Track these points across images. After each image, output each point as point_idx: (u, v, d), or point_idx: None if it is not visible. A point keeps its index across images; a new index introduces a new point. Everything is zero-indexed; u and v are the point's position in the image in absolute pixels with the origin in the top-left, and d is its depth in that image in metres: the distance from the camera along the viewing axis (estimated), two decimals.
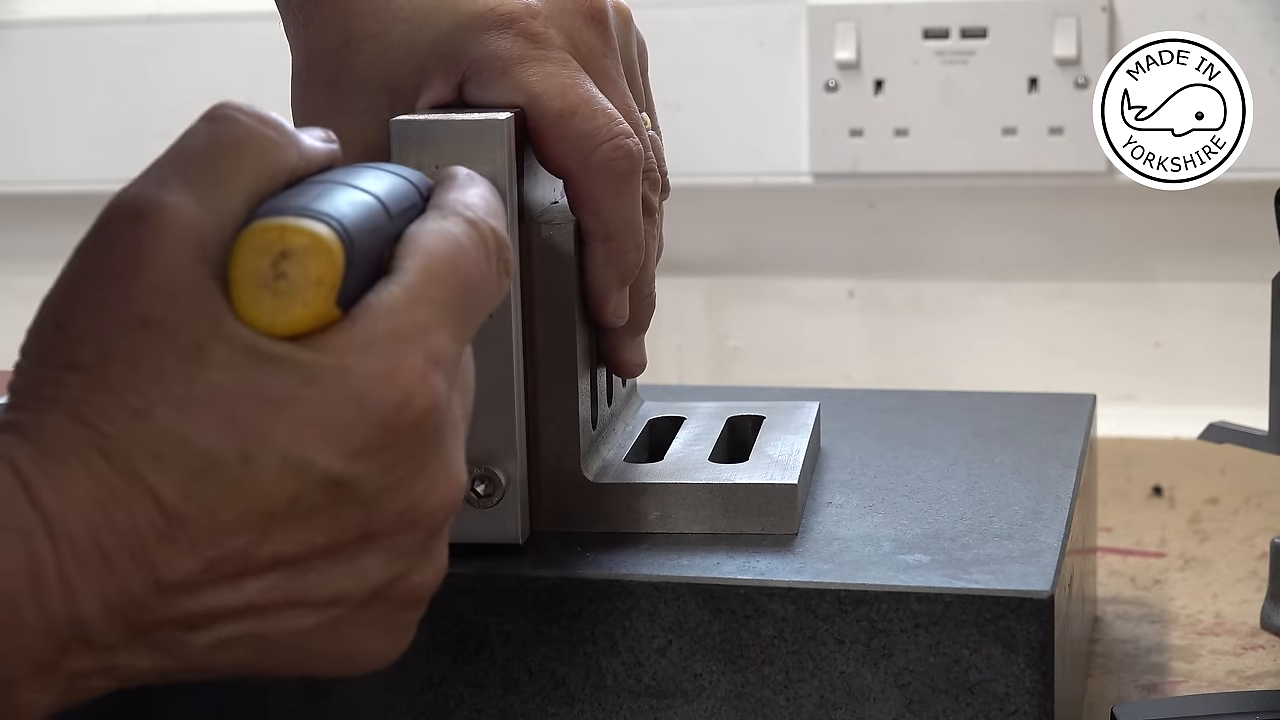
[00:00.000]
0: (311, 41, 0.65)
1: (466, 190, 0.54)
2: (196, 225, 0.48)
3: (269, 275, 0.47)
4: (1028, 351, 1.20)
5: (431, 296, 0.49)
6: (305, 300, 0.47)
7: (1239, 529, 0.99)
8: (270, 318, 0.47)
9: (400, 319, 0.48)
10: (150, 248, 0.47)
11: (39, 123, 1.28)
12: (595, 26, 0.65)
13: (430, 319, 0.49)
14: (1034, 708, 0.60)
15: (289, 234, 0.47)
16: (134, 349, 0.46)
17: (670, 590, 0.62)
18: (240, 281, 0.47)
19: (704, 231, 1.22)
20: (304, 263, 0.47)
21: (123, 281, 0.47)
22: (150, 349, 0.46)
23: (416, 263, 0.50)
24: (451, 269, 0.50)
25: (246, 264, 0.47)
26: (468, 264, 0.51)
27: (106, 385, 0.46)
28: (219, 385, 0.46)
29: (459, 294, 0.50)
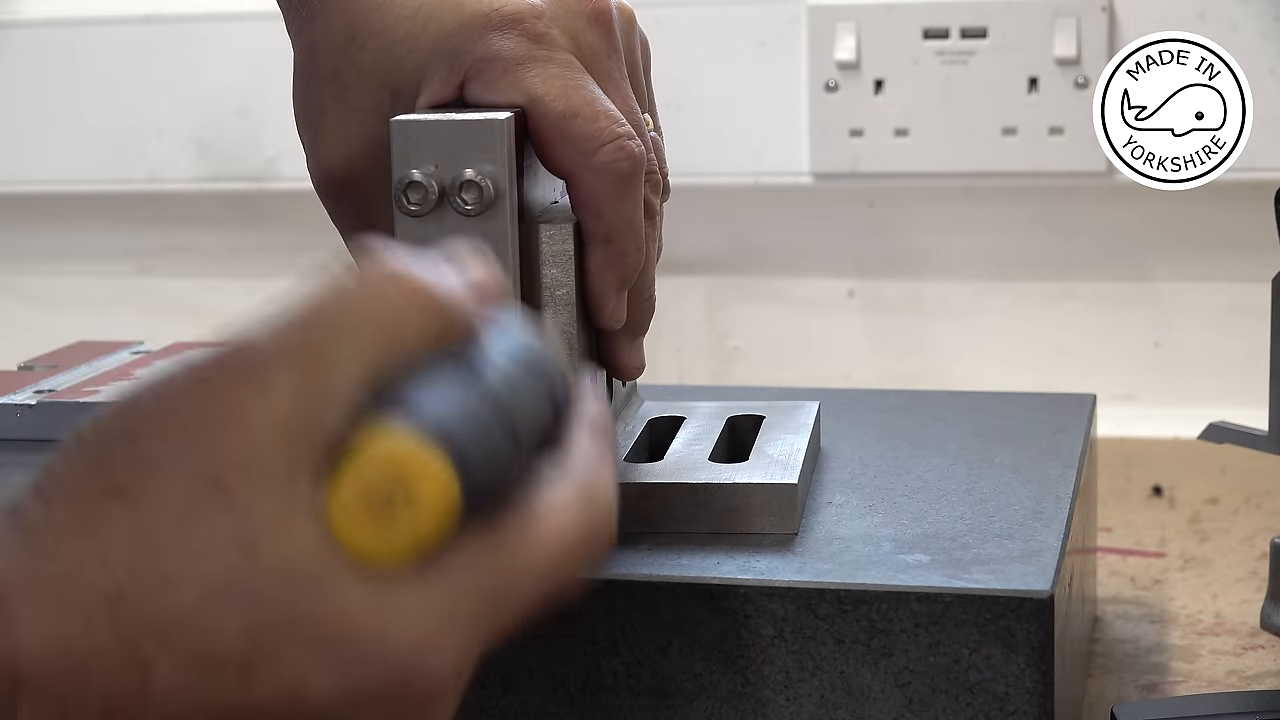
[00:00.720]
0: (314, 37, 0.65)
1: (604, 467, 0.49)
2: (305, 407, 0.44)
3: (378, 500, 0.43)
4: (1028, 351, 1.20)
5: (511, 592, 0.46)
6: (392, 545, 0.44)
7: (1239, 529, 0.99)
8: (352, 535, 0.43)
9: (462, 606, 0.45)
10: (250, 414, 0.44)
11: (39, 123, 1.28)
12: (599, 28, 0.65)
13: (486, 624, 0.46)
14: (1034, 708, 0.60)
15: (423, 481, 0.43)
16: (190, 511, 0.43)
17: (670, 590, 0.62)
18: (345, 489, 0.44)
19: (704, 231, 1.22)
20: (418, 515, 0.43)
21: (210, 435, 0.44)
22: (208, 519, 0.43)
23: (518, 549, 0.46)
24: (548, 568, 0.47)
25: (360, 472, 0.43)
26: (570, 564, 0.47)
27: (146, 536, 0.43)
28: (255, 590, 0.43)
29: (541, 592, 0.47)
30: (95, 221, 1.30)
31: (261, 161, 1.25)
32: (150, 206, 1.29)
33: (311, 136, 0.66)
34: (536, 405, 0.47)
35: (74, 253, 1.32)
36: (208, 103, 1.25)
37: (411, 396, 0.45)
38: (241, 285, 1.30)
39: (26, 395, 0.82)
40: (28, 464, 0.77)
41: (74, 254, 1.32)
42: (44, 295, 1.33)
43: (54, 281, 1.33)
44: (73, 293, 1.33)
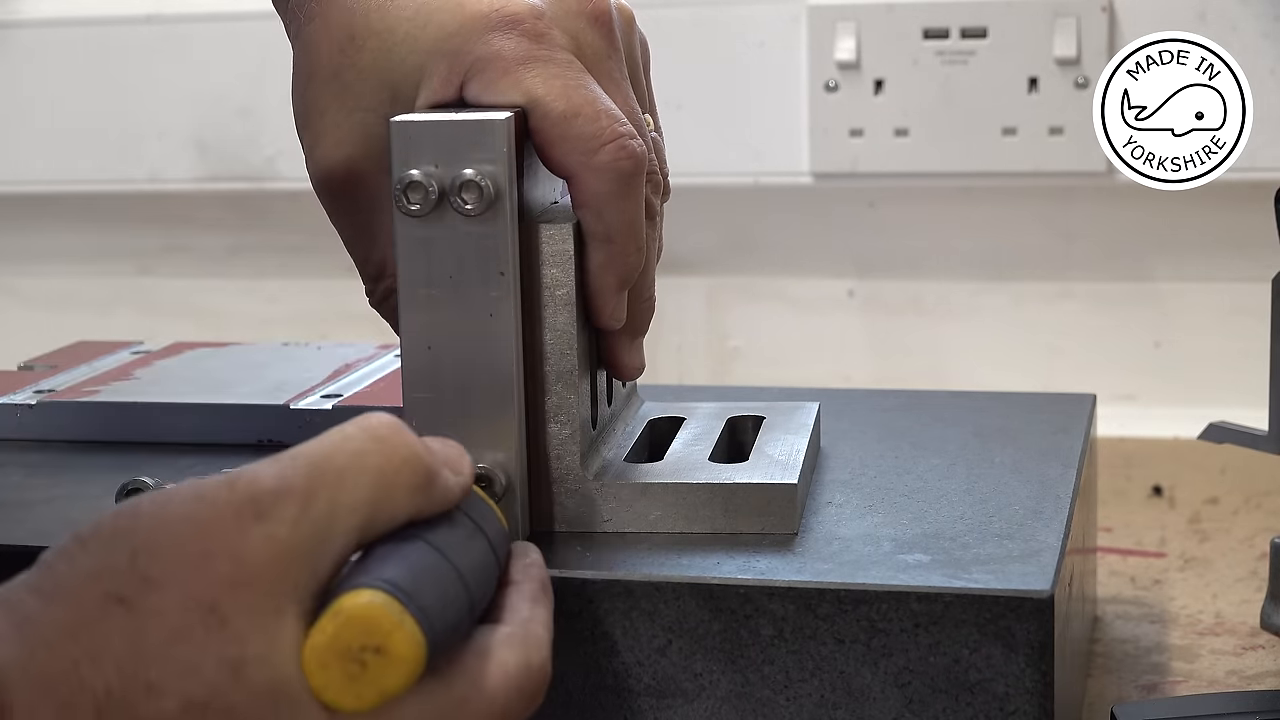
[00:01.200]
0: (314, 38, 0.65)
1: (538, 613, 0.55)
2: (302, 551, 0.48)
3: (352, 655, 0.48)
4: (1028, 351, 1.20)
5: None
6: (361, 694, 0.48)
7: (1239, 529, 0.99)
8: (324, 684, 0.48)
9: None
10: (251, 553, 0.47)
11: (39, 123, 1.28)
12: (599, 28, 0.65)
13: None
14: (1034, 708, 0.60)
15: (397, 635, 0.48)
16: (185, 628, 0.46)
17: (670, 590, 0.62)
18: (324, 638, 0.48)
19: (704, 231, 1.22)
20: (388, 668, 0.48)
21: (213, 565, 0.47)
22: (200, 639, 0.46)
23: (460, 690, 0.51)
24: (488, 706, 0.51)
25: (340, 631, 0.48)
26: (505, 705, 0.52)
27: (139, 645, 0.46)
28: (234, 708, 0.46)
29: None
30: (95, 221, 1.30)
31: (261, 161, 1.25)
32: (150, 206, 1.29)
33: (311, 137, 0.66)
34: (485, 564, 0.54)
35: (74, 253, 1.32)
36: (208, 103, 1.25)
37: (390, 558, 0.50)
38: (241, 285, 1.31)
39: (26, 395, 0.82)
40: (28, 464, 0.78)
41: (74, 254, 1.32)
42: (44, 295, 1.33)
43: (54, 281, 1.33)
44: (73, 293, 1.33)
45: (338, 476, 0.49)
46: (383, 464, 0.51)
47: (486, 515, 0.56)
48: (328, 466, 0.50)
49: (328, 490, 0.49)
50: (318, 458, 0.50)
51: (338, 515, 0.49)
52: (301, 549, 0.48)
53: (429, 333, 0.63)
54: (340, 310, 1.27)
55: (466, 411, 0.64)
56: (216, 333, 1.28)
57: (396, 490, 0.51)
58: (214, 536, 0.47)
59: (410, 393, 0.64)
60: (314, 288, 1.29)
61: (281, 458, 0.50)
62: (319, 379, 0.83)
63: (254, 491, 0.48)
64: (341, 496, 0.49)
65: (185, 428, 0.79)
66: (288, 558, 0.48)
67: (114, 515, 0.48)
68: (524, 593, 0.56)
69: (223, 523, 0.48)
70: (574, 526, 0.66)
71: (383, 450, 0.51)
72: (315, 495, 0.49)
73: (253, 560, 0.47)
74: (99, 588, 0.47)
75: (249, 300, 1.31)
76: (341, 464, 0.50)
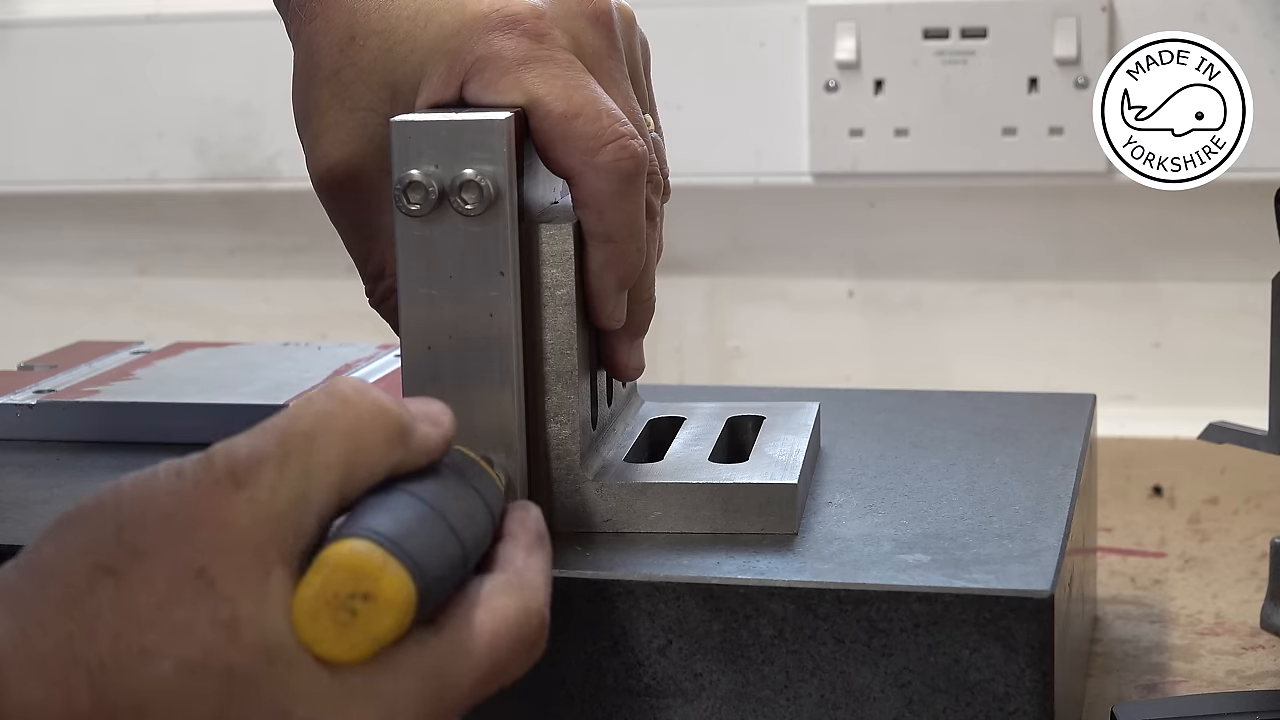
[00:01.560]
0: (315, 37, 0.65)
1: (533, 561, 0.56)
2: (283, 510, 0.49)
3: (341, 604, 0.49)
4: (1027, 351, 1.20)
5: (451, 679, 0.51)
6: (354, 644, 0.49)
7: (1239, 529, 0.99)
8: (316, 637, 0.48)
9: (408, 696, 0.50)
10: (233, 516, 0.48)
11: (39, 123, 1.28)
12: (599, 28, 0.65)
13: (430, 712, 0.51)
14: (1034, 708, 0.60)
15: (383, 579, 0.49)
16: (175, 594, 0.47)
17: (670, 590, 0.62)
18: (311, 590, 0.49)
19: (704, 231, 1.22)
20: (378, 614, 0.49)
21: (197, 532, 0.48)
22: (189, 601, 0.47)
23: (455, 637, 0.51)
24: (489, 653, 0.52)
25: (327, 580, 0.49)
26: (508, 651, 0.53)
27: (131, 612, 0.47)
28: (232, 666, 0.47)
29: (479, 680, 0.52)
30: (95, 221, 1.30)
31: (261, 161, 1.25)
32: (150, 206, 1.29)
33: (311, 136, 0.66)
34: (476, 515, 0.55)
35: (74, 253, 1.32)
36: (208, 103, 1.25)
37: (373, 509, 0.51)
38: (241, 285, 1.31)
39: (26, 395, 0.82)
40: (28, 464, 0.78)
41: (74, 254, 1.32)
42: (44, 295, 1.33)
43: (54, 281, 1.33)
44: (73, 293, 1.33)
45: (307, 438, 0.50)
46: (352, 420, 0.51)
47: (478, 472, 0.57)
48: (296, 430, 0.50)
49: (300, 452, 0.50)
50: (286, 424, 0.51)
51: (314, 474, 0.50)
52: (282, 510, 0.49)
53: (429, 333, 0.63)
54: (340, 310, 1.27)
55: (467, 412, 0.63)
56: (216, 333, 1.28)
57: (370, 444, 0.52)
58: (197, 506, 0.48)
59: (410, 393, 0.64)
60: (314, 288, 1.29)
61: (253, 431, 0.51)
62: (319, 379, 0.83)
63: (230, 462, 0.49)
64: (315, 456, 0.50)
65: (185, 428, 0.79)
66: (271, 519, 0.49)
67: (97, 495, 0.49)
68: (519, 543, 0.56)
69: (204, 493, 0.48)
70: (574, 526, 0.66)
71: (350, 408, 0.51)
72: (289, 458, 0.50)
73: (237, 524, 0.48)
74: (87, 561, 0.47)
75: (249, 300, 1.31)
76: (309, 426, 0.51)
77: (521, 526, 0.58)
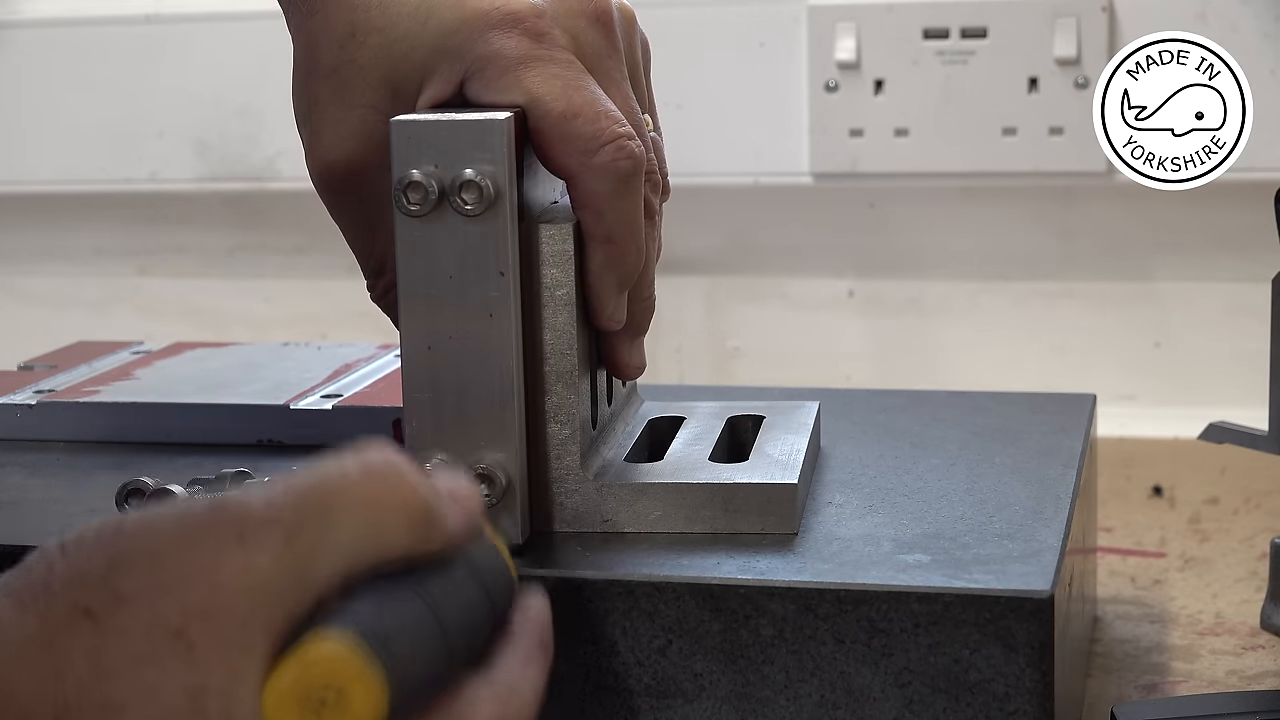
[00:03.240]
0: (315, 33, 0.65)
1: (528, 673, 0.52)
2: (279, 584, 0.46)
3: (313, 696, 0.46)
4: (1028, 351, 1.20)
5: None
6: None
7: (1239, 529, 0.99)
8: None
9: None
10: (226, 581, 0.46)
11: (39, 123, 1.28)
12: (600, 28, 0.65)
13: None
14: (1034, 708, 0.60)
15: (359, 685, 0.46)
16: (150, 650, 0.45)
17: (670, 590, 0.62)
18: (287, 678, 0.46)
19: (704, 231, 1.22)
20: (345, 714, 0.46)
21: (184, 588, 0.45)
22: (163, 661, 0.45)
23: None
24: None
25: (304, 672, 0.46)
26: None
27: (102, 661, 0.45)
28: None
29: None
30: (95, 221, 1.30)
31: (261, 161, 1.25)
32: (150, 206, 1.29)
33: (311, 133, 0.66)
34: (478, 612, 0.52)
35: (74, 253, 1.32)
36: (208, 103, 1.25)
37: (370, 601, 0.48)
38: (241, 285, 1.31)
39: (26, 395, 0.82)
40: (28, 464, 0.78)
41: (74, 254, 1.32)
42: (44, 295, 1.33)
43: (54, 281, 1.33)
44: (73, 293, 1.33)
45: (326, 513, 0.47)
46: (376, 501, 0.48)
47: (490, 561, 0.54)
48: (318, 502, 0.47)
49: (315, 526, 0.47)
50: (309, 491, 0.48)
51: (322, 553, 0.47)
52: (280, 583, 0.46)
53: (429, 333, 0.63)
54: (340, 310, 1.27)
55: (466, 411, 0.64)
56: (216, 333, 1.28)
57: (388, 530, 0.48)
58: (192, 559, 0.46)
59: (410, 393, 0.64)
60: (314, 288, 1.29)
61: (274, 486, 0.48)
62: (319, 379, 0.83)
63: (241, 516, 0.46)
64: (329, 533, 0.47)
65: (185, 428, 0.79)
66: (264, 591, 0.46)
67: (99, 525, 0.47)
68: (519, 649, 0.53)
69: (203, 545, 0.46)
70: (574, 526, 0.66)
71: (376, 486, 0.48)
72: (302, 529, 0.47)
73: (228, 589, 0.46)
74: (70, 597, 0.46)
75: (249, 300, 1.31)
76: (332, 500, 0.48)
77: (524, 629, 0.54)
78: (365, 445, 0.49)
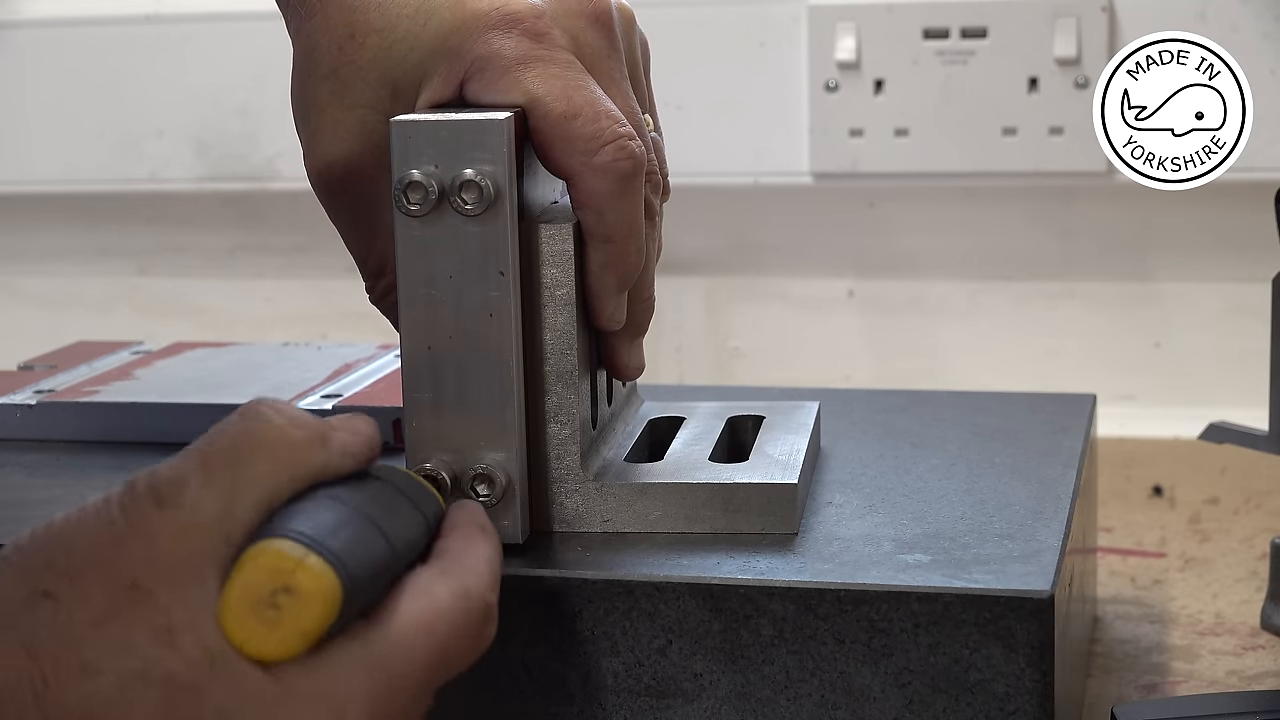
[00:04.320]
0: (314, 34, 0.65)
1: (473, 548, 0.56)
2: (209, 522, 0.50)
3: (264, 601, 0.49)
4: (1027, 351, 1.20)
5: (394, 669, 0.51)
6: (283, 639, 0.49)
7: (1239, 529, 0.99)
8: (245, 637, 0.49)
9: (351, 691, 0.50)
10: (160, 530, 0.49)
11: (39, 123, 1.28)
12: (599, 28, 0.65)
13: (376, 709, 0.51)
14: (1034, 708, 0.60)
15: (300, 572, 0.49)
16: (111, 608, 0.48)
17: (670, 590, 0.62)
18: (234, 592, 0.49)
19: (704, 231, 1.22)
20: (301, 607, 0.49)
21: (127, 548, 0.49)
22: (125, 614, 0.48)
23: (392, 628, 0.52)
24: (427, 640, 0.52)
25: (248, 580, 0.49)
26: (446, 635, 0.53)
27: (69, 631, 0.47)
28: (172, 675, 0.48)
29: (424, 668, 0.52)
30: (95, 221, 1.30)
31: (261, 161, 1.25)
32: (150, 206, 1.29)
33: (310, 133, 0.66)
34: (407, 516, 0.55)
35: (74, 253, 1.32)
36: (208, 103, 1.25)
37: (292, 513, 0.51)
38: (241, 285, 1.31)
39: (26, 395, 0.82)
40: (28, 464, 0.78)
41: (74, 254, 1.32)
42: (44, 295, 1.33)
43: (54, 281, 1.33)
44: (73, 293, 1.33)
45: (229, 454, 0.51)
46: (272, 433, 0.52)
47: (417, 489, 0.57)
48: (217, 448, 0.51)
49: (222, 468, 0.51)
50: (205, 445, 0.52)
51: (240, 489, 0.51)
52: (207, 522, 0.50)
53: (429, 333, 0.63)
54: (340, 310, 1.27)
55: (466, 411, 0.64)
56: (216, 333, 1.28)
57: (290, 452, 0.52)
58: (123, 527, 0.49)
59: (410, 393, 0.64)
60: (314, 288, 1.29)
61: (175, 456, 0.51)
62: (319, 379, 0.83)
63: (152, 484, 0.50)
64: (239, 472, 0.51)
65: (185, 428, 0.79)
66: (197, 530, 0.49)
67: (30, 531, 0.50)
68: (459, 534, 0.57)
69: (128, 515, 0.49)
70: (574, 526, 0.66)
71: (268, 423, 0.53)
72: (211, 474, 0.50)
73: (163, 537, 0.49)
74: (24, 589, 0.48)
75: (249, 300, 1.31)
76: (230, 443, 0.52)
77: (461, 519, 0.58)
78: (249, 401, 0.54)
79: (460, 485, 0.64)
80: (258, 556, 0.50)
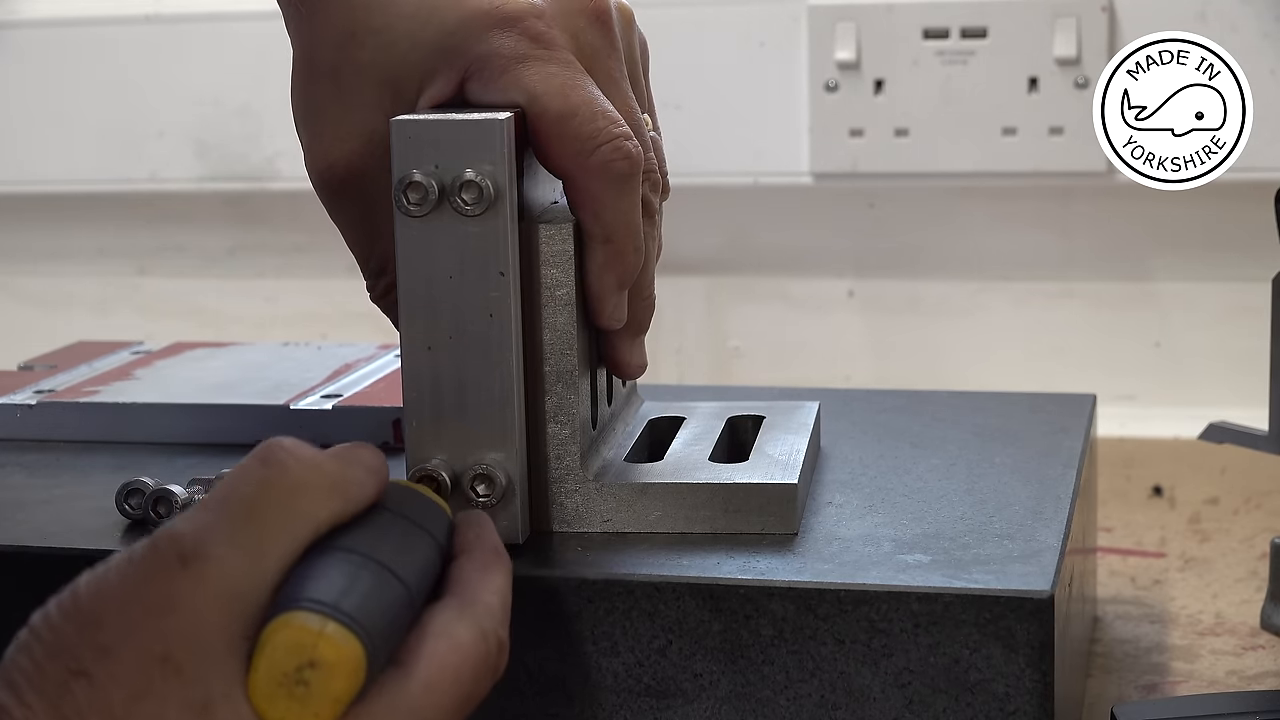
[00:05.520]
0: (314, 34, 0.65)
1: (488, 580, 0.56)
2: (236, 583, 0.49)
3: (291, 678, 0.49)
4: (1028, 351, 1.20)
5: (425, 716, 0.52)
6: (317, 712, 0.49)
7: (1239, 529, 0.99)
8: (279, 715, 0.49)
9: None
10: (188, 597, 0.49)
11: (39, 123, 1.28)
12: (599, 27, 0.65)
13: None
14: (1034, 708, 0.60)
15: (322, 644, 0.49)
16: (145, 684, 0.47)
17: (670, 590, 0.62)
18: (262, 671, 0.49)
19: (704, 231, 1.22)
20: (328, 679, 0.49)
21: (155, 619, 0.48)
22: (160, 690, 0.47)
23: (421, 674, 0.52)
24: (455, 683, 0.52)
25: (273, 659, 0.49)
26: (471, 677, 0.53)
27: (107, 711, 0.47)
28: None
29: (451, 712, 0.52)
30: (95, 221, 1.30)
31: (261, 161, 1.25)
32: (150, 206, 1.29)
33: (310, 134, 0.66)
34: (417, 546, 0.55)
35: (74, 253, 1.32)
36: (208, 103, 1.25)
37: (305, 576, 0.51)
38: (241, 285, 1.30)
39: (26, 395, 0.82)
40: (28, 464, 0.78)
41: (74, 254, 1.32)
42: (44, 295, 1.33)
43: (54, 281, 1.33)
44: (73, 293, 1.33)
45: (250, 509, 0.51)
46: (291, 484, 0.52)
47: (419, 503, 0.57)
48: (237, 502, 0.51)
49: (244, 525, 0.50)
50: (225, 496, 0.51)
51: (264, 545, 0.50)
52: (237, 584, 0.49)
53: (429, 333, 0.63)
54: (340, 310, 1.27)
55: (466, 411, 0.64)
56: (216, 333, 1.28)
57: (310, 505, 0.52)
58: (149, 593, 0.48)
59: (410, 393, 0.64)
60: (314, 288, 1.29)
61: (194, 507, 0.51)
62: (319, 379, 0.83)
63: (175, 544, 0.49)
64: (260, 527, 0.50)
65: (185, 428, 0.79)
66: (226, 595, 0.49)
67: (56, 600, 0.49)
68: (474, 561, 0.57)
69: (154, 579, 0.49)
70: (574, 526, 0.66)
71: (287, 473, 0.52)
72: (235, 532, 0.50)
73: (190, 606, 0.48)
74: (59, 666, 0.48)
75: (249, 300, 1.30)
76: (250, 496, 0.51)
77: (476, 542, 0.58)
78: (264, 443, 0.53)
79: (460, 485, 0.64)
80: (277, 633, 0.49)
